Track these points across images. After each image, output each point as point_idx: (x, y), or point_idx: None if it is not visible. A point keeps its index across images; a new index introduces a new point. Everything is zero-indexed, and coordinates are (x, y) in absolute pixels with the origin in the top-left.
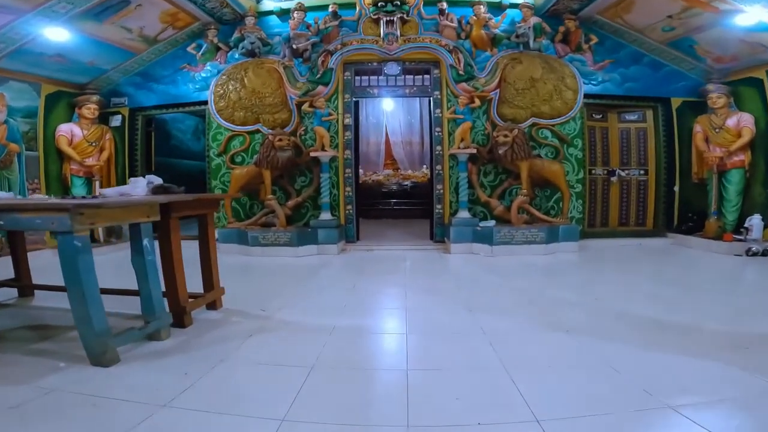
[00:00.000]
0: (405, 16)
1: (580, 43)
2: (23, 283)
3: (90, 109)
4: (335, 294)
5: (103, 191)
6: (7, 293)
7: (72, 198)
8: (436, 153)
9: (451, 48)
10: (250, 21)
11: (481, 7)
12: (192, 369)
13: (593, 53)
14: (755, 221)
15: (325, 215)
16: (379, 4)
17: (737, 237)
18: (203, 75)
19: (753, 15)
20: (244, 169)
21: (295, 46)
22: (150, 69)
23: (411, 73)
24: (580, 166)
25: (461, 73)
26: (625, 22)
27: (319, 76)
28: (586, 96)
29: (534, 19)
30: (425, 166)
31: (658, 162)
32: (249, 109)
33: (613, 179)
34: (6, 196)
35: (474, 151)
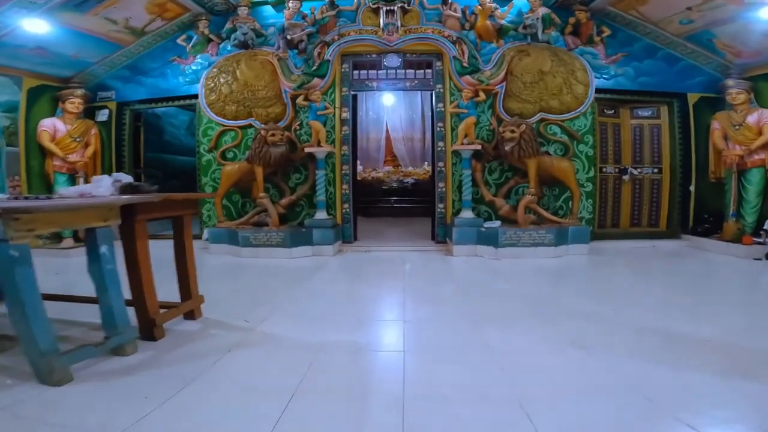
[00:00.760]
0: (406, 6)
1: (592, 35)
2: None
3: (74, 104)
4: (327, 302)
5: (61, 191)
6: None
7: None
8: (438, 149)
9: (454, 39)
10: (243, 11)
11: None
12: (154, 391)
13: (605, 46)
14: None
15: (321, 214)
16: None
17: (757, 240)
18: (194, 68)
19: None
20: (236, 166)
21: (289, 37)
22: (138, 62)
23: (412, 65)
24: (590, 164)
25: (465, 65)
26: (640, 14)
27: (315, 68)
28: (598, 90)
29: (542, 10)
30: (426, 163)
31: (673, 160)
32: (241, 102)
33: (625, 178)
34: None
35: (478, 147)
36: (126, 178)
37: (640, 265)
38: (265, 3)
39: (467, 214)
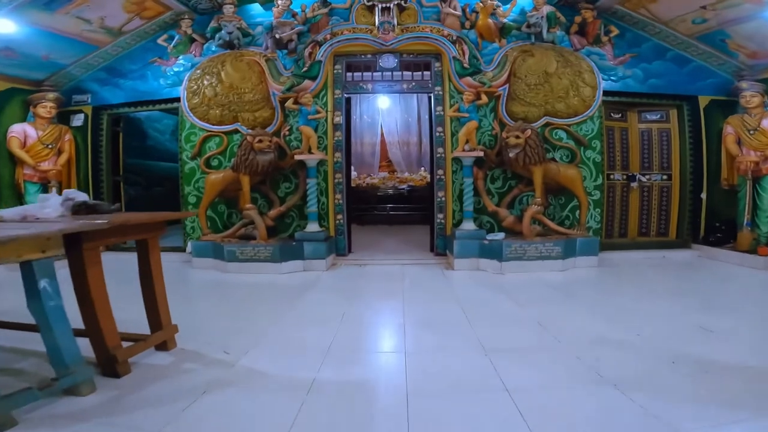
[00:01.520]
0: (402, 3)
1: (599, 35)
2: None
3: (46, 108)
4: (319, 328)
5: (1, 213)
6: None
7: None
8: (438, 156)
9: (454, 38)
10: (228, 9)
11: None
12: None
13: (613, 47)
14: None
15: (313, 226)
16: None
17: None
18: (175, 69)
19: None
20: (220, 175)
21: (278, 36)
22: (116, 63)
23: (409, 66)
24: (598, 171)
25: (466, 66)
26: (650, 14)
27: (305, 69)
28: (605, 93)
29: (547, 8)
30: (423, 169)
31: (683, 166)
32: (226, 106)
33: (633, 185)
34: None
35: (481, 154)
36: (80, 196)
37: (654, 279)
38: (252, 1)
39: (469, 226)
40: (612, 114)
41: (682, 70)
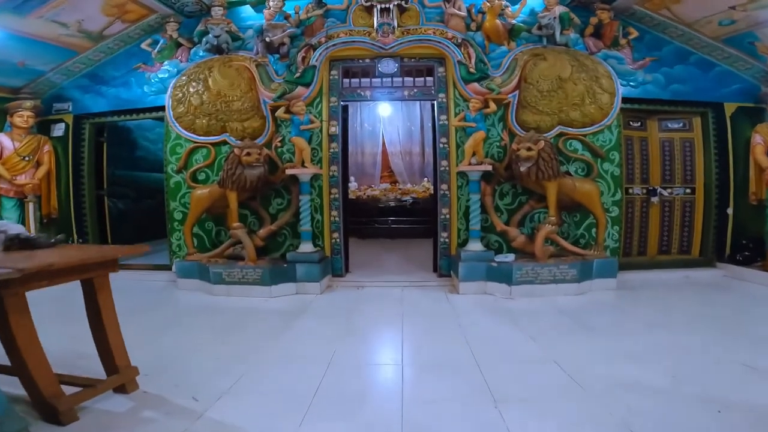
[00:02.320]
0: (403, 4)
1: (617, 37)
2: None
3: (23, 117)
4: (305, 368)
5: None
6: None
7: None
8: (441, 169)
9: (459, 41)
10: (217, 12)
11: None
12: None
13: (632, 50)
14: None
15: (306, 246)
16: None
17: None
18: (160, 76)
19: None
20: (206, 190)
21: (268, 39)
22: (99, 70)
23: (410, 71)
24: (616, 186)
25: (472, 71)
26: (673, 15)
27: (298, 75)
28: (623, 100)
29: (559, 8)
30: (426, 179)
31: (708, 179)
32: (213, 115)
33: (654, 200)
34: None
35: (489, 168)
36: (13, 229)
37: (680, 305)
38: (243, 3)
39: (475, 246)
40: (631, 122)
41: (706, 75)
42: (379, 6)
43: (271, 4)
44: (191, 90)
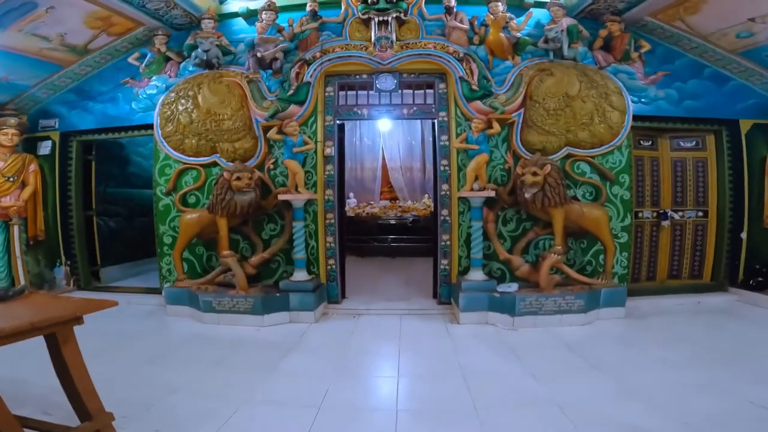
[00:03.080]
0: (402, 16)
1: (628, 50)
2: None
3: (7, 135)
4: (292, 414)
5: None
6: None
7: None
8: (442, 193)
9: (461, 56)
10: (207, 24)
11: (498, 4)
12: None
13: (644, 64)
14: None
15: (300, 275)
16: (370, 1)
17: None
18: (148, 92)
19: None
20: (195, 215)
21: (260, 54)
22: (85, 84)
23: (410, 87)
24: (626, 210)
25: (474, 88)
26: (688, 27)
27: (291, 92)
28: (634, 118)
29: (567, 21)
30: (427, 195)
31: (721, 201)
32: (203, 135)
33: (665, 224)
34: None
35: (492, 194)
36: None
37: (692, 335)
38: (234, 15)
39: (477, 276)
40: (641, 141)
41: (720, 89)
42: (376, 18)
43: (263, 16)
44: (180, 108)
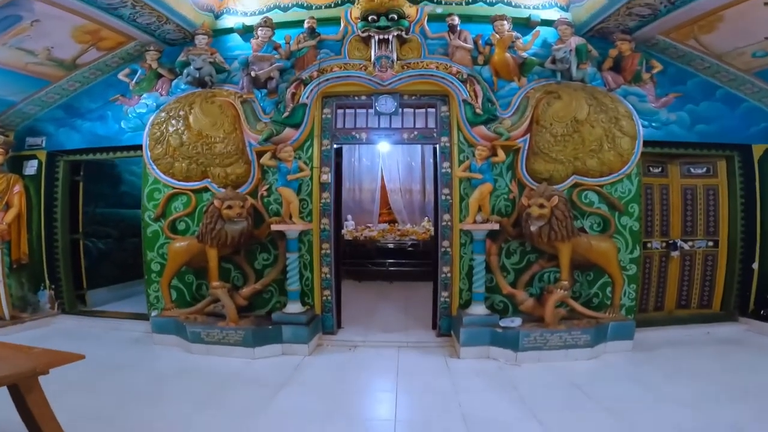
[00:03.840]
0: (404, 35)
1: (639, 71)
2: None
3: None
4: None
5: None
6: None
7: None
8: (443, 224)
9: (464, 77)
10: (201, 40)
11: (504, 23)
12: None
13: (655, 85)
14: None
15: (294, 307)
16: (370, 19)
17: None
18: (138, 110)
19: None
20: (184, 244)
21: (254, 74)
22: (74, 100)
23: (411, 110)
24: (635, 242)
25: (478, 112)
26: (702, 46)
27: (287, 114)
28: (645, 143)
29: (576, 40)
30: (427, 218)
31: (732, 231)
32: (194, 158)
33: (674, 254)
34: None
35: (496, 227)
36: None
37: (702, 369)
38: (230, 30)
39: (478, 310)
40: (651, 168)
41: (733, 111)
42: (377, 37)
43: (259, 33)
44: (170, 129)
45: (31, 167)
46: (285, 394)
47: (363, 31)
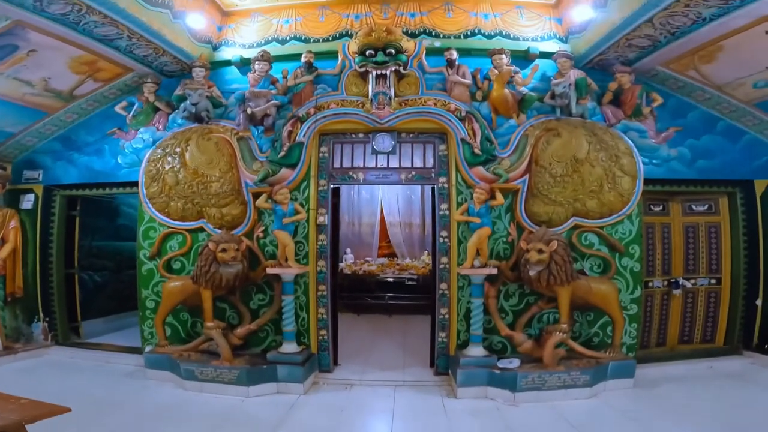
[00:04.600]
0: (401, 70)
1: (639, 105)
2: None
3: None
4: None
5: None
6: None
7: None
8: (441, 267)
9: (463, 114)
10: (199, 73)
11: (502, 57)
12: None
13: (655, 119)
14: None
15: (289, 347)
16: (368, 53)
17: None
18: (135, 146)
19: None
20: (179, 284)
21: (250, 111)
22: (72, 132)
23: (408, 149)
24: (636, 282)
25: (477, 152)
26: (702, 76)
27: (283, 154)
28: (646, 181)
29: (575, 73)
30: (426, 252)
31: (735, 268)
32: (189, 198)
33: (676, 292)
34: None
35: (494, 271)
36: None
37: (706, 405)
38: (227, 63)
39: (476, 352)
40: (651, 206)
41: (734, 145)
42: (374, 72)
43: (256, 67)
44: (166, 166)
45: (27, 201)
46: None
47: (360, 66)
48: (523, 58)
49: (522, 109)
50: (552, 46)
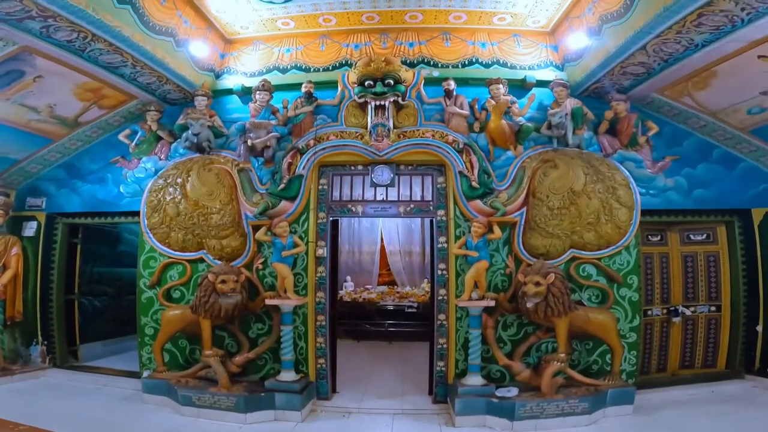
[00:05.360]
0: (400, 100)
1: (635, 134)
2: None
3: None
4: None
5: None
6: None
7: None
8: (439, 298)
9: (461, 146)
10: (201, 102)
11: (500, 87)
12: None
13: (651, 148)
14: None
15: (287, 375)
16: (366, 84)
17: None
18: (137, 175)
19: None
20: (178, 313)
21: (250, 143)
22: (76, 160)
23: (407, 181)
24: (635, 311)
25: (475, 185)
26: (696, 103)
27: (282, 186)
28: (643, 212)
29: (571, 102)
30: (426, 280)
31: (735, 295)
32: (189, 229)
33: (676, 320)
34: None
35: (491, 303)
36: None
37: (710, 429)
38: (229, 92)
39: (474, 381)
40: (650, 237)
41: (731, 173)
42: (373, 103)
43: (257, 97)
44: (168, 197)
45: (30, 229)
46: None
47: (360, 97)
48: (520, 86)
49: (519, 140)
50: (548, 74)
